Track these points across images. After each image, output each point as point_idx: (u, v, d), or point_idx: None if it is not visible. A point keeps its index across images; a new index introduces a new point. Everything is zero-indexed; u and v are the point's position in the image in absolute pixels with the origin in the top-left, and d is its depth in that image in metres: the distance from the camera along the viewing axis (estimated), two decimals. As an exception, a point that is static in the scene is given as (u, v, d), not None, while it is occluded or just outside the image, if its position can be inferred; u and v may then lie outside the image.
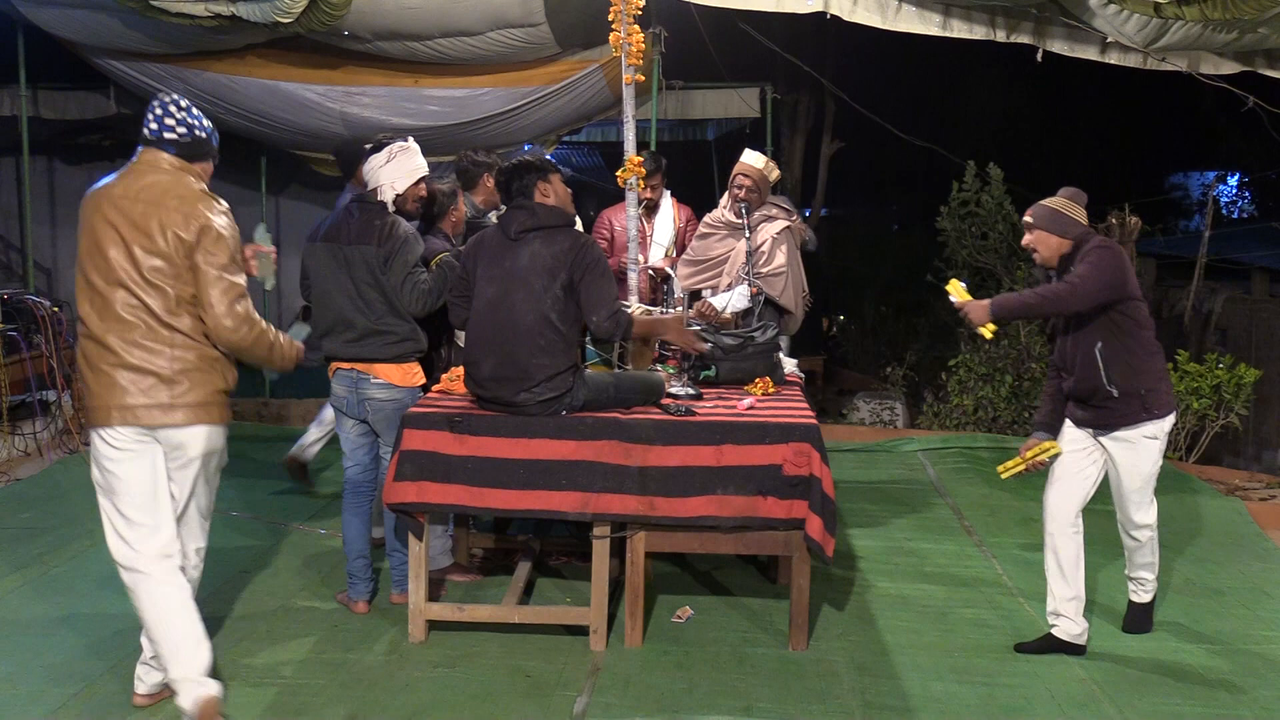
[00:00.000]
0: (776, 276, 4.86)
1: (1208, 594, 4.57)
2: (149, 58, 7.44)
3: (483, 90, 7.52)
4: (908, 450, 7.01)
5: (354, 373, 4.10)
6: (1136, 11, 5.29)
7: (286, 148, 8.78)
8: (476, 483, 3.79)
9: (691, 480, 3.77)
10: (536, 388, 3.76)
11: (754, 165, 4.89)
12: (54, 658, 3.75)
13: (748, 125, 9.95)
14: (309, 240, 4.20)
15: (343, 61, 7.38)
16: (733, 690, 3.57)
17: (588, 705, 3.44)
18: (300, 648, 3.85)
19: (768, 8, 5.88)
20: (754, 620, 4.17)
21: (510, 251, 3.80)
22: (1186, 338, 8.95)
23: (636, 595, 3.88)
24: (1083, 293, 3.73)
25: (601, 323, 3.77)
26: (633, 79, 4.70)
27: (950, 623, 4.19)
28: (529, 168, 3.88)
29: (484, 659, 3.78)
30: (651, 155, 5.53)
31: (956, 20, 5.81)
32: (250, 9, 6.04)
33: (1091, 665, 3.81)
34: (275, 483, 6.10)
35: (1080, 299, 3.74)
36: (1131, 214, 8.23)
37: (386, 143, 4.15)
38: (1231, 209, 19.13)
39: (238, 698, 3.46)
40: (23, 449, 6.46)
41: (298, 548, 5.01)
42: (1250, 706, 3.54)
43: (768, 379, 4.41)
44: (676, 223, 5.67)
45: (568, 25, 6.82)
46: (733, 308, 4.77)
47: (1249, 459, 8.47)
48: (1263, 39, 5.53)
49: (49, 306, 6.67)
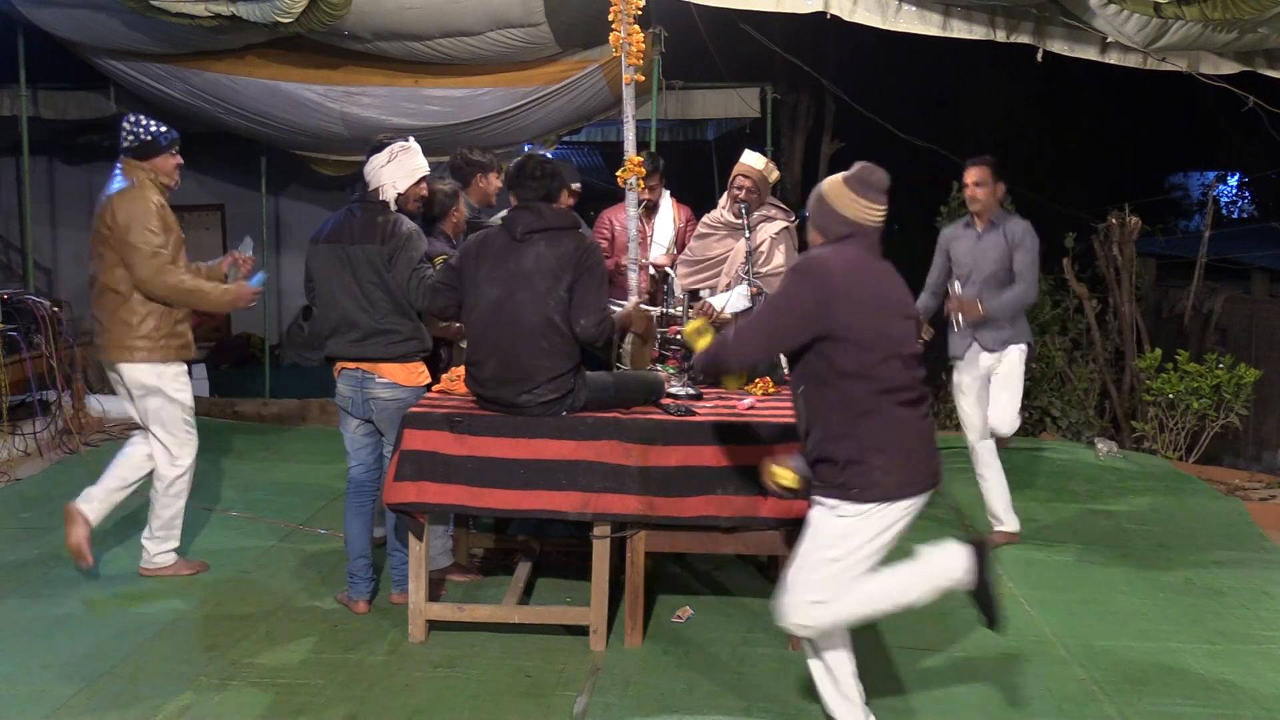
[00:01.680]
0: (775, 276, 4.86)
1: (1208, 594, 4.57)
2: (149, 58, 7.43)
3: (483, 90, 7.52)
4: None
5: (359, 372, 4.10)
6: (1136, 11, 5.29)
7: (286, 148, 8.78)
8: (476, 483, 3.79)
9: (691, 480, 3.77)
10: (538, 389, 3.76)
11: (754, 166, 4.89)
12: (54, 658, 3.74)
13: (748, 125, 9.95)
14: (312, 241, 4.21)
15: (343, 61, 7.38)
16: (733, 690, 3.57)
17: (588, 705, 3.44)
18: (300, 648, 3.85)
19: (768, 8, 5.87)
20: (754, 620, 4.17)
21: (515, 252, 3.80)
22: (1186, 338, 8.95)
23: (636, 595, 3.89)
24: (749, 330, 3.05)
25: (589, 328, 3.78)
26: (633, 79, 4.70)
27: (950, 623, 4.18)
28: (557, 175, 3.90)
29: (484, 659, 3.78)
30: (649, 156, 5.53)
31: (956, 20, 5.81)
32: (250, 9, 6.05)
33: (1091, 665, 3.81)
34: (275, 483, 6.11)
35: (750, 340, 3.04)
36: (1131, 214, 8.25)
37: (387, 143, 4.15)
38: (1231, 209, 19.12)
39: (238, 698, 3.46)
40: (23, 449, 6.46)
41: (298, 548, 5.01)
42: (1250, 706, 3.54)
43: (768, 379, 4.41)
44: (676, 223, 5.67)
45: (568, 25, 6.82)
46: (732, 308, 4.77)
47: (1249, 459, 8.47)
48: (1263, 39, 5.52)
49: (49, 306, 6.67)
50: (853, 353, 2.89)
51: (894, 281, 3.02)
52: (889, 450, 2.91)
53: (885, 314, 2.93)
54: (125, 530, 5.10)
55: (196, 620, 4.10)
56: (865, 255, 2.98)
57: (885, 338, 2.91)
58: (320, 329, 4.21)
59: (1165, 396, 7.15)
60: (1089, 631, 4.10)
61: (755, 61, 9.80)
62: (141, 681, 3.56)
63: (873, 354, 2.89)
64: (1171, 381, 7.12)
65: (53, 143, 9.93)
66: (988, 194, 4.92)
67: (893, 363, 2.91)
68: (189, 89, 7.68)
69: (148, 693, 3.48)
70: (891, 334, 2.92)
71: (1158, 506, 5.88)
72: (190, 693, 3.48)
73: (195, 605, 4.25)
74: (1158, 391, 7.17)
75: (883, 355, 2.90)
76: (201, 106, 7.93)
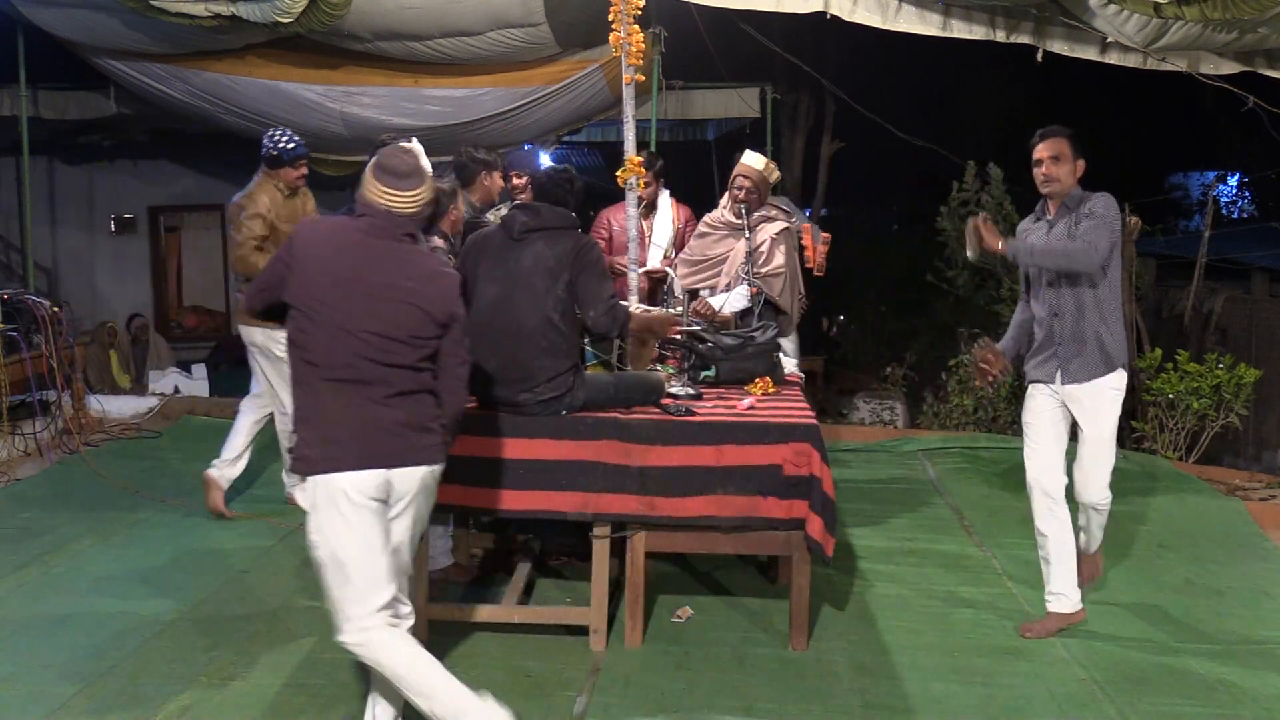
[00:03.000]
0: (775, 276, 4.86)
1: (1208, 594, 4.57)
2: (149, 58, 7.44)
3: (483, 90, 7.53)
4: (908, 450, 7.00)
5: None
6: (1136, 11, 5.29)
7: (287, 148, 8.77)
8: (476, 483, 3.79)
9: (691, 480, 3.77)
10: (538, 388, 3.77)
11: (754, 166, 4.89)
12: (54, 658, 3.74)
13: (748, 125, 9.96)
14: None
15: (343, 61, 7.38)
16: (733, 690, 3.57)
17: (588, 705, 3.44)
18: (300, 648, 3.85)
19: (768, 8, 5.88)
20: (754, 620, 4.17)
21: (513, 252, 3.80)
22: (1186, 338, 8.94)
23: (636, 595, 3.88)
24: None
25: (599, 318, 3.79)
26: (633, 79, 4.70)
27: (950, 623, 4.18)
28: (571, 181, 3.91)
29: (484, 659, 3.78)
30: (648, 155, 5.54)
31: (956, 20, 5.81)
32: (250, 9, 6.05)
33: (1091, 665, 3.81)
34: (275, 482, 6.10)
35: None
36: (1131, 214, 8.24)
37: (390, 143, 4.15)
38: (1231, 209, 19.10)
39: (238, 698, 3.46)
40: (23, 449, 6.46)
41: (298, 548, 5.00)
42: (1250, 706, 3.54)
43: (768, 379, 4.40)
44: (675, 223, 5.66)
45: (568, 25, 6.83)
46: (731, 307, 4.77)
47: (1249, 459, 8.47)
48: (1263, 39, 5.52)
49: (49, 306, 6.66)
50: (297, 319, 2.96)
51: (386, 264, 2.99)
52: (311, 422, 2.96)
53: (344, 288, 2.94)
54: (126, 530, 5.11)
55: (196, 620, 4.10)
56: (358, 232, 3.02)
57: (337, 311, 2.92)
58: None
59: (1165, 396, 7.14)
60: (1089, 631, 4.09)
61: (755, 61, 9.80)
62: (141, 681, 3.56)
63: (312, 324, 2.93)
64: (1171, 381, 7.12)
65: (53, 143, 9.95)
66: (1067, 172, 3.97)
67: (342, 339, 2.92)
68: (189, 89, 7.68)
69: (148, 693, 3.48)
70: (346, 309, 2.92)
71: (1158, 506, 5.87)
72: (190, 693, 3.47)
73: (195, 605, 4.24)
74: (1158, 391, 7.17)
75: (328, 329, 2.92)
76: (201, 106, 7.94)
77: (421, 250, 3.14)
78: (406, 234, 3.05)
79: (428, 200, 3.11)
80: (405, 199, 3.02)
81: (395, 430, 2.97)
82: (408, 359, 2.99)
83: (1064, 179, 3.97)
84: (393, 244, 3.03)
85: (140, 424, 7.30)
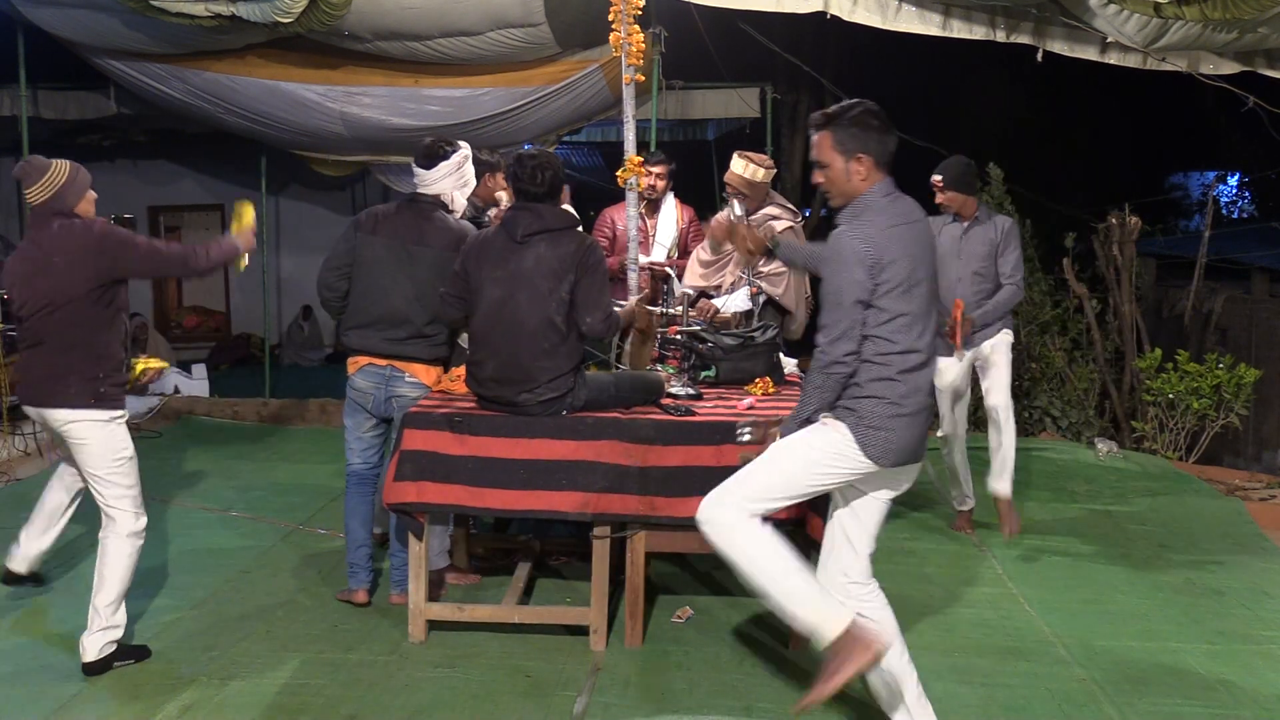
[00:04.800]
0: (778, 276, 4.86)
1: (1208, 594, 4.57)
2: (149, 58, 7.44)
3: (483, 90, 7.53)
4: (908, 450, 6.98)
5: (389, 369, 4.10)
6: (1136, 11, 5.29)
7: (286, 148, 8.78)
8: (476, 483, 3.79)
9: (692, 480, 3.76)
10: (539, 388, 3.77)
11: (735, 173, 4.86)
12: (54, 658, 3.75)
13: (748, 125, 9.95)
14: (359, 231, 4.13)
15: (343, 61, 7.38)
16: (733, 690, 3.57)
17: (588, 705, 3.44)
18: (300, 648, 3.85)
19: (768, 8, 5.88)
20: (754, 620, 4.17)
21: (515, 254, 3.80)
22: (1186, 338, 8.95)
23: (636, 595, 3.88)
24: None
25: (595, 325, 3.81)
26: (633, 79, 4.70)
27: (950, 623, 4.19)
28: (542, 168, 3.83)
29: (484, 659, 3.78)
30: (661, 154, 5.63)
31: (956, 20, 5.81)
32: (250, 9, 6.05)
33: (1091, 665, 3.81)
34: (275, 483, 6.11)
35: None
36: (1131, 214, 8.24)
37: (450, 150, 4.17)
38: (1231, 209, 19.11)
39: (238, 698, 3.46)
40: (23, 449, 6.46)
41: (298, 548, 5.01)
42: (1250, 706, 3.54)
43: (768, 379, 4.40)
44: (680, 224, 5.66)
45: (568, 25, 6.83)
46: (732, 308, 4.77)
47: (1249, 459, 8.47)
48: (1263, 39, 5.53)
49: (49, 306, 6.66)
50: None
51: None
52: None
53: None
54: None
55: (196, 620, 4.11)
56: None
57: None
58: (351, 319, 4.13)
59: (1165, 396, 7.15)
60: (1089, 631, 4.10)
61: (755, 61, 9.80)
62: (141, 681, 3.56)
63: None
64: (1171, 381, 7.12)
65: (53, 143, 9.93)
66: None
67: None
68: (189, 89, 7.68)
69: (148, 693, 3.48)
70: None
71: (1158, 506, 5.88)
72: (190, 692, 3.48)
73: (195, 605, 4.25)
74: (1158, 391, 7.17)
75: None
76: (201, 106, 7.94)
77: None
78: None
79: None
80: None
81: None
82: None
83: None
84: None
85: (140, 424, 7.31)
